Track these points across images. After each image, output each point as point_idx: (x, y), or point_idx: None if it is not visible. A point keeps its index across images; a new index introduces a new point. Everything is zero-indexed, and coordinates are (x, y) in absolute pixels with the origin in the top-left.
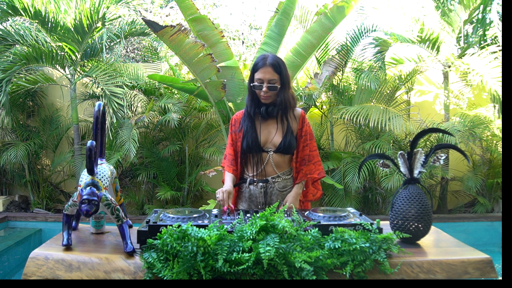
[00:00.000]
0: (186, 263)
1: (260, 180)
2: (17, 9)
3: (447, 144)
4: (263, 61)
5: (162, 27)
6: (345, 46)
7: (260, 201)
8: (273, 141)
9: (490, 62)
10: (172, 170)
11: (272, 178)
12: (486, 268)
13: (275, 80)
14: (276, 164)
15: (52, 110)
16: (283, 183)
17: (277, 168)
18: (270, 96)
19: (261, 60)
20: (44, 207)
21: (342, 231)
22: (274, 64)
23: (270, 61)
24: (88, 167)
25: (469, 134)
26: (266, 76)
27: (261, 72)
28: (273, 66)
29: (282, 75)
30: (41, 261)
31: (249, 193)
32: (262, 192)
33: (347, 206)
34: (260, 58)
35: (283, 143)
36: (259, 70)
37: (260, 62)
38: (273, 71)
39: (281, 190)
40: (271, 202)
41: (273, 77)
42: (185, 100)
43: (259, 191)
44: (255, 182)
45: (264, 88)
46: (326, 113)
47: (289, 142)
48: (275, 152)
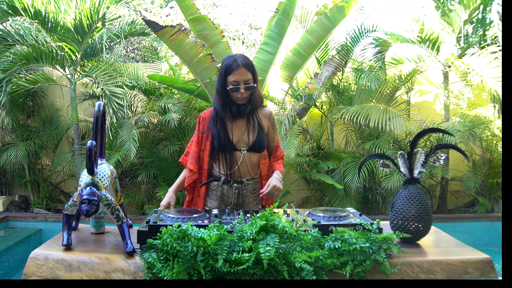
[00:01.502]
0: (186, 263)
1: (234, 181)
2: (17, 9)
3: (447, 144)
4: (236, 62)
5: (162, 27)
6: (345, 46)
7: (232, 201)
8: (244, 139)
9: (490, 62)
10: (172, 170)
11: (246, 180)
12: (486, 268)
13: (250, 80)
14: (251, 163)
15: (52, 110)
16: (254, 185)
17: (251, 168)
18: (246, 96)
19: (233, 62)
20: (44, 207)
21: (342, 231)
22: (247, 64)
23: (243, 61)
24: (88, 167)
25: (469, 134)
26: (242, 77)
27: (236, 74)
28: (246, 66)
29: (254, 73)
30: (41, 261)
31: (221, 192)
32: (235, 193)
33: (347, 206)
34: (231, 60)
35: (256, 141)
36: (233, 72)
37: (233, 64)
38: (247, 71)
39: (253, 192)
40: (243, 204)
41: (248, 77)
42: (185, 100)
43: (232, 192)
44: (229, 183)
45: (242, 90)
46: (326, 113)
47: (261, 139)
48: (248, 151)
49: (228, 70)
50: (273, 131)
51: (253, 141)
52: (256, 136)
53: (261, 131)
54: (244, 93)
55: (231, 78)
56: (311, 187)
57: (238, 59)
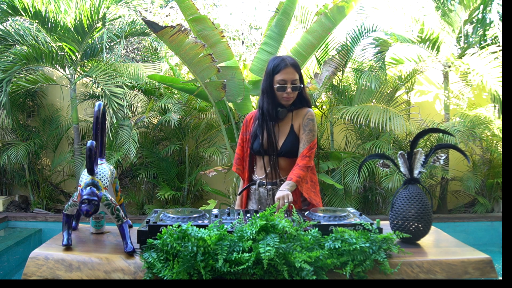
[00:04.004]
0: (186, 263)
1: (269, 182)
2: (17, 9)
3: (447, 144)
4: (284, 62)
5: (162, 27)
6: (345, 46)
7: (269, 203)
8: (277, 144)
9: (490, 62)
10: (172, 170)
11: (280, 181)
12: (486, 268)
13: (297, 80)
14: (281, 168)
15: (52, 110)
16: None
17: (282, 171)
18: (292, 97)
19: (281, 62)
20: (44, 207)
21: (342, 231)
22: (295, 64)
23: (291, 61)
24: (88, 167)
25: (469, 134)
26: (289, 76)
27: (284, 73)
28: (294, 66)
29: (301, 74)
30: (41, 261)
31: (259, 195)
32: (270, 195)
33: (347, 206)
34: (279, 59)
35: (283, 147)
36: (281, 71)
37: (281, 63)
38: (295, 71)
39: None
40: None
41: (295, 77)
42: (185, 100)
43: (267, 193)
44: (264, 185)
45: (288, 89)
46: (326, 113)
47: (289, 145)
48: (279, 156)
49: (276, 69)
50: (304, 131)
51: (281, 147)
52: (284, 142)
53: (291, 136)
54: (290, 93)
55: (279, 77)
56: None
57: (286, 59)
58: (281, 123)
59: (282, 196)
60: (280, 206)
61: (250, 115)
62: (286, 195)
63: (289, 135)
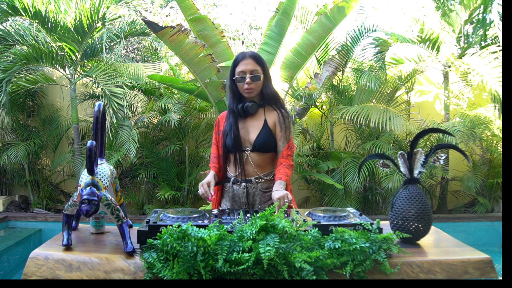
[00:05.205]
0: (186, 263)
1: (243, 180)
2: (17, 9)
3: (447, 144)
4: (242, 54)
5: (162, 27)
6: (345, 46)
7: (242, 201)
8: (249, 139)
9: (490, 62)
10: (172, 170)
11: (255, 178)
12: (486, 268)
13: (257, 70)
14: (256, 163)
15: (52, 110)
16: (266, 184)
17: (257, 168)
18: (253, 88)
19: (240, 54)
20: (44, 207)
21: (342, 231)
22: (255, 56)
23: (251, 54)
24: (88, 167)
25: (469, 134)
26: (248, 67)
27: (243, 65)
28: (253, 57)
29: (264, 67)
30: (41, 261)
31: (232, 193)
32: (244, 192)
33: (347, 206)
34: (239, 54)
35: (257, 141)
36: (240, 63)
37: (240, 55)
38: (254, 62)
39: (264, 190)
40: (254, 203)
41: (255, 68)
42: (185, 100)
43: (241, 191)
44: (238, 182)
45: (248, 80)
46: (326, 113)
47: (263, 140)
48: (252, 151)
49: (235, 62)
50: (281, 129)
51: (254, 141)
52: (257, 137)
53: (265, 131)
54: (250, 83)
55: (238, 69)
56: (311, 187)
57: (246, 52)
58: (253, 118)
59: (281, 196)
60: (280, 206)
61: (222, 115)
62: (286, 195)
63: (262, 130)
